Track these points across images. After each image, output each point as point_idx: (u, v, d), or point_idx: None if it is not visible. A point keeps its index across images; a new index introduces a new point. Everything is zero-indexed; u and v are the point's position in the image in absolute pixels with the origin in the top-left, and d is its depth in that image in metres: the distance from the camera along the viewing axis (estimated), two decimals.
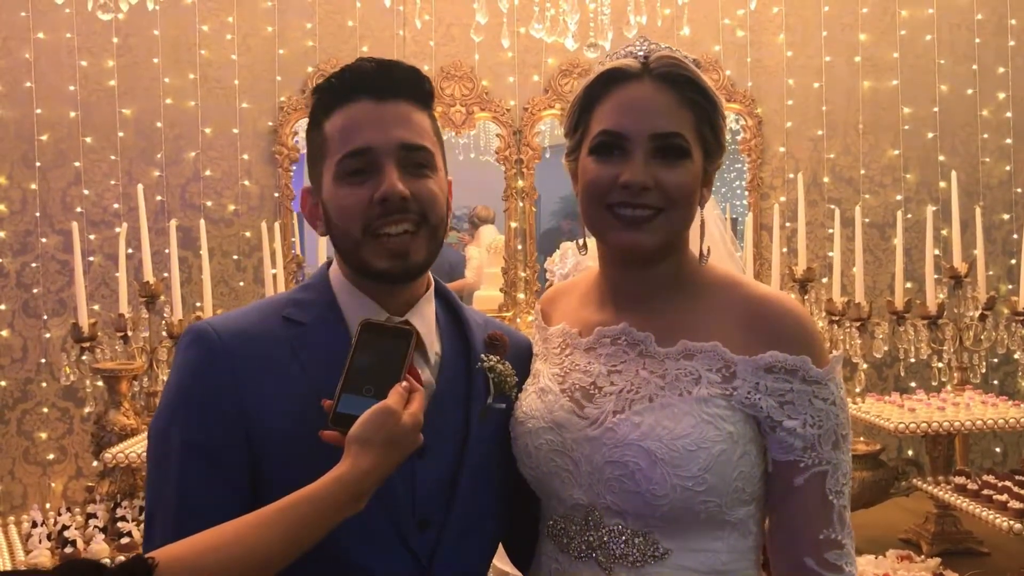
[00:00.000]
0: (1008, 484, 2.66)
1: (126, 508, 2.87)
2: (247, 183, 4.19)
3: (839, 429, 1.30)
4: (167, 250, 3.40)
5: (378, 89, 1.33)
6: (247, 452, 1.27)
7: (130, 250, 3.61)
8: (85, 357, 3.21)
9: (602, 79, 1.36)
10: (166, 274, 3.43)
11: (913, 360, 3.47)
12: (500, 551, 1.53)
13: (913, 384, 3.92)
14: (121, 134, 4.09)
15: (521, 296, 4.32)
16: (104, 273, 4.04)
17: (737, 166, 4.48)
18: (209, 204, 4.15)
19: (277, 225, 3.95)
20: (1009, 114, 4.46)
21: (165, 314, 3.32)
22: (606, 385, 1.35)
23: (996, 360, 4.17)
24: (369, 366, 1.23)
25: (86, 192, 4.06)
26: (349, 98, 1.33)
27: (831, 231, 3.97)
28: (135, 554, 1.09)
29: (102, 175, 4.08)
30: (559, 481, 1.36)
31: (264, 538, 1.13)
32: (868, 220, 4.29)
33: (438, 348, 1.42)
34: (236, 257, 4.18)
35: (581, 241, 1.47)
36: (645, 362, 1.34)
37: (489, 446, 1.40)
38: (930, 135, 4.45)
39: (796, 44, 4.44)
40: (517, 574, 1.57)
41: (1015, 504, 2.53)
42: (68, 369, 3.25)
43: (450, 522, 1.34)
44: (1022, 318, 3.38)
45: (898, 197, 4.43)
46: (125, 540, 2.69)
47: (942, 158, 4.44)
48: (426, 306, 1.42)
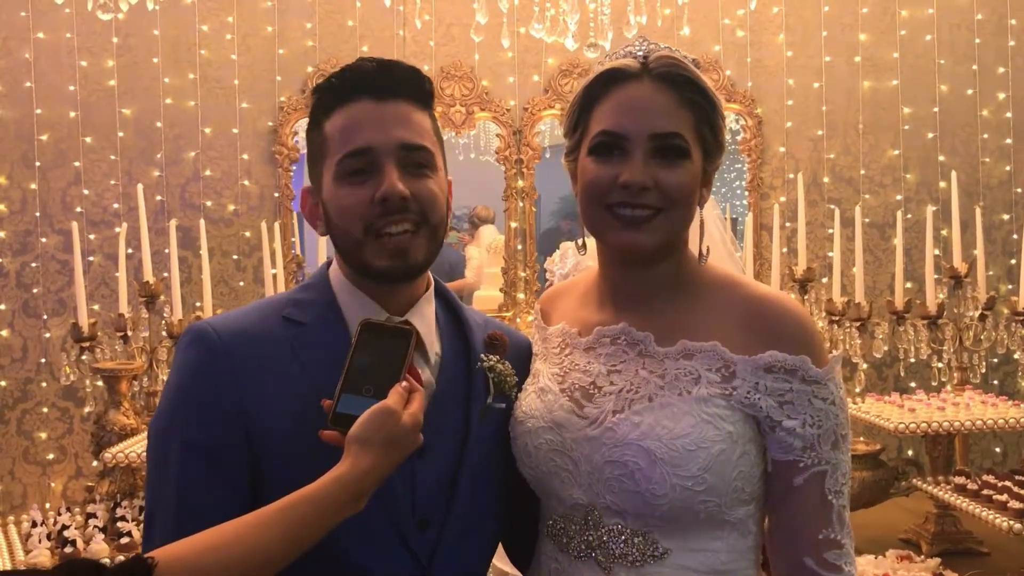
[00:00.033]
0: (1008, 484, 2.66)
1: (126, 508, 2.87)
2: (247, 183, 4.19)
3: (838, 429, 1.30)
4: (167, 250, 3.40)
5: (378, 89, 1.33)
6: (247, 452, 1.27)
7: (130, 250, 3.61)
8: (85, 357, 3.21)
9: (601, 79, 1.36)
10: (166, 274, 3.43)
11: (913, 360, 3.47)
12: (500, 551, 1.54)
13: (913, 384, 3.92)
14: (121, 134, 4.09)
15: (521, 296, 4.32)
16: (104, 273, 4.04)
17: (737, 166, 4.48)
18: (209, 204, 4.15)
19: (277, 225, 3.96)
20: (1009, 114, 4.46)
21: (165, 314, 3.32)
22: (606, 385, 1.35)
23: (996, 360, 4.18)
24: (369, 366, 1.23)
25: (86, 192, 4.06)
26: (349, 98, 1.33)
27: (831, 231, 3.97)
28: (135, 554, 1.09)
29: (102, 175, 4.08)
30: (558, 481, 1.36)
31: (264, 538, 1.13)
32: (868, 220, 4.29)
33: (438, 348, 1.42)
34: (236, 257, 4.18)
35: (580, 241, 1.47)
36: (645, 362, 1.34)
37: (489, 446, 1.40)
38: (930, 135, 4.45)
39: (796, 44, 4.44)
40: (517, 574, 1.57)
41: (1015, 504, 2.53)
42: (68, 369, 3.25)
43: (450, 522, 1.34)
44: (1022, 318, 3.38)
45: (898, 197, 4.43)
46: (125, 540, 2.69)
47: (942, 158, 4.44)
48: (426, 306, 1.42)
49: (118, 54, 4.09)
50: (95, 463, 3.32)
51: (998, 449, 4.44)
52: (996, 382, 4.29)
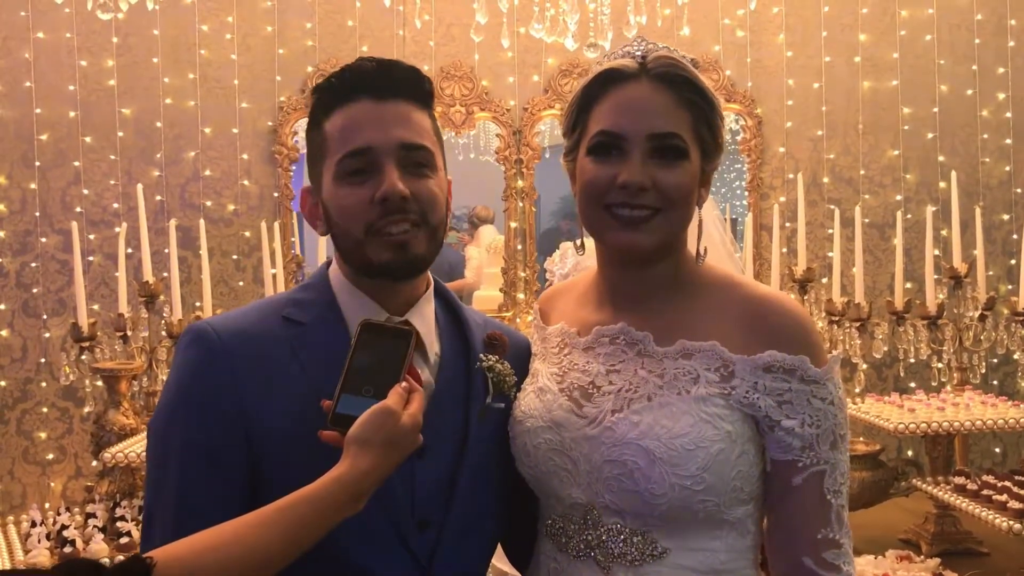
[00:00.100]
0: (1008, 484, 2.66)
1: (125, 508, 2.87)
2: (247, 183, 4.19)
3: (837, 429, 1.30)
4: (167, 250, 3.40)
5: (378, 89, 1.33)
6: (246, 452, 1.27)
7: (130, 250, 3.61)
8: (85, 357, 3.21)
9: (600, 79, 1.36)
10: (165, 274, 3.43)
11: (913, 360, 3.47)
12: (499, 551, 1.54)
13: (913, 384, 3.92)
14: (121, 134, 4.09)
15: (521, 296, 4.32)
16: (104, 273, 4.04)
17: (737, 166, 4.48)
18: (209, 204, 4.15)
19: (277, 225, 3.95)
20: (1009, 114, 4.46)
21: (165, 314, 3.32)
22: (604, 384, 1.35)
23: (996, 360, 4.18)
24: (369, 366, 1.23)
25: (86, 192, 4.06)
26: (349, 98, 1.33)
27: (831, 231, 3.97)
28: (133, 554, 1.09)
29: (102, 175, 4.08)
30: (557, 480, 1.36)
31: (263, 538, 1.13)
32: (868, 220, 4.29)
33: (437, 348, 1.42)
34: (236, 257, 4.18)
35: (579, 241, 1.47)
36: (643, 361, 1.34)
37: (488, 446, 1.40)
38: (930, 135, 4.45)
39: (796, 44, 4.44)
40: (516, 574, 1.57)
41: (1015, 504, 2.53)
42: (68, 369, 3.25)
43: (449, 522, 1.34)
44: (1022, 318, 3.38)
45: (898, 197, 4.43)
46: (124, 540, 2.69)
47: (942, 158, 4.44)
48: (426, 306, 1.42)
49: (118, 54, 4.09)
50: (95, 463, 3.32)
51: (998, 449, 4.44)
52: (996, 382, 4.29)
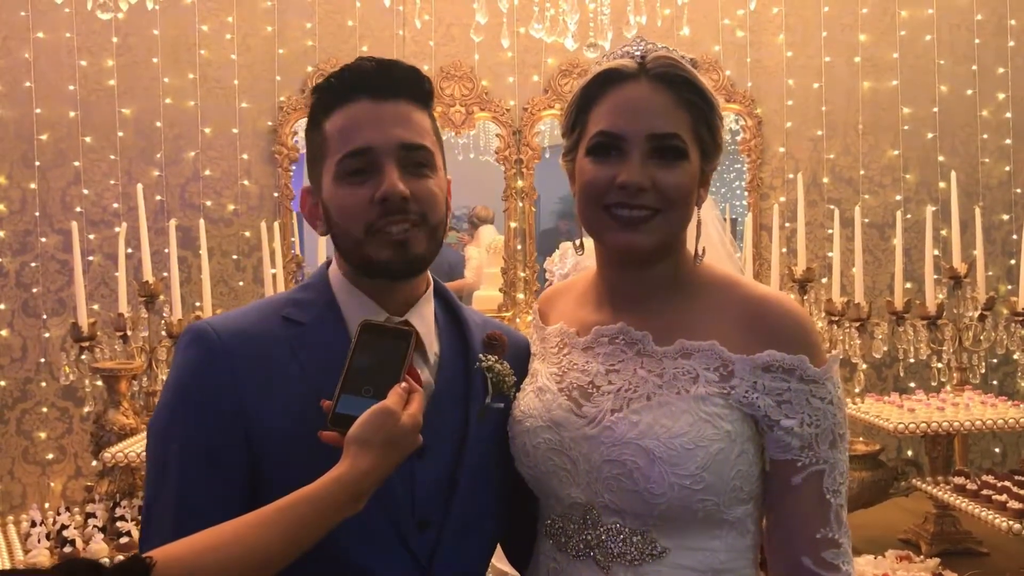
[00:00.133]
0: (1007, 484, 2.66)
1: (125, 508, 2.87)
2: (247, 183, 4.19)
3: (836, 428, 1.30)
4: (167, 250, 3.40)
5: (378, 89, 1.33)
6: (246, 452, 1.27)
7: (129, 250, 3.61)
8: (84, 357, 3.21)
9: (599, 79, 1.36)
10: (165, 274, 3.43)
11: (912, 360, 3.47)
12: (498, 551, 1.54)
13: (912, 384, 3.93)
14: (121, 134, 4.09)
15: (521, 296, 4.32)
16: (104, 273, 4.04)
17: (737, 166, 4.49)
18: (209, 204, 4.15)
19: (277, 225, 3.95)
20: (1009, 114, 4.46)
21: (164, 314, 3.32)
22: (604, 384, 1.35)
23: (995, 360, 4.18)
24: (368, 367, 1.23)
25: (85, 192, 4.06)
26: (349, 98, 1.33)
27: (831, 231, 3.97)
28: (133, 554, 1.09)
29: (102, 175, 4.08)
30: (557, 480, 1.36)
31: (263, 538, 1.13)
32: (868, 220, 4.29)
33: (437, 348, 1.42)
34: (235, 257, 4.18)
35: (578, 241, 1.47)
36: (643, 361, 1.34)
37: (488, 446, 1.40)
38: (930, 135, 4.46)
39: (796, 44, 4.44)
40: (516, 574, 1.57)
41: (1014, 504, 2.53)
42: (67, 369, 3.25)
43: (449, 522, 1.34)
44: (1021, 318, 3.38)
45: (898, 197, 4.43)
46: (124, 540, 2.69)
47: (942, 158, 4.44)
48: (425, 306, 1.42)
49: (118, 54, 4.09)
50: (94, 463, 3.32)
51: (997, 449, 4.45)
52: (995, 382, 4.29)
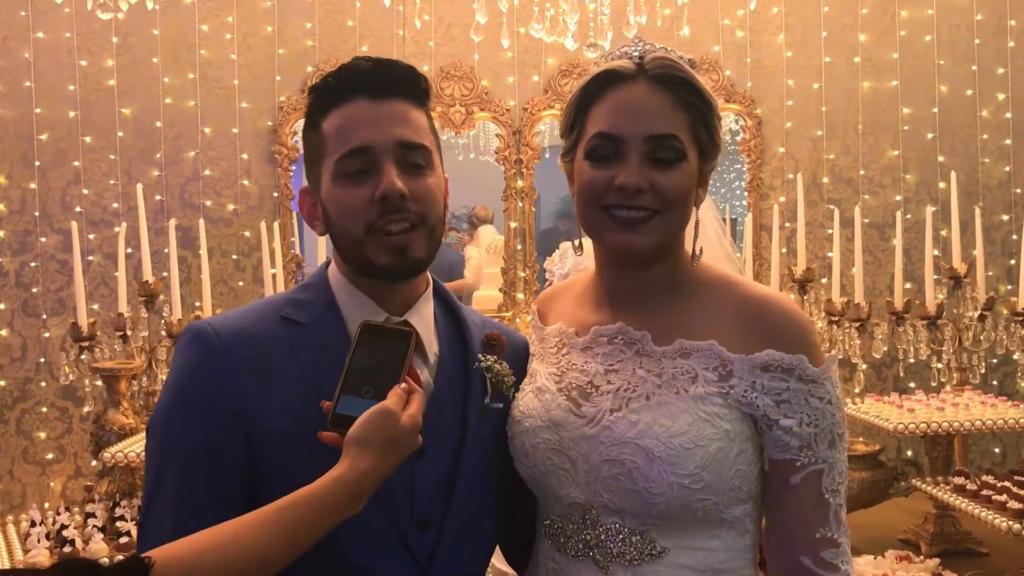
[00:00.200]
0: (1007, 484, 2.66)
1: (125, 507, 2.87)
2: (246, 183, 4.19)
3: (835, 428, 1.31)
4: (166, 250, 3.40)
5: (375, 88, 1.33)
6: (246, 452, 1.27)
7: (129, 250, 3.61)
8: (84, 356, 3.21)
9: (597, 80, 1.36)
10: (165, 274, 3.43)
11: (912, 360, 3.47)
12: (498, 551, 1.54)
13: (912, 384, 3.93)
14: (120, 134, 4.08)
15: (520, 296, 4.32)
16: (103, 272, 4.04)
17: (736, 167, 4.48)
18: (208, 204, 4.15)
19: (276, 225, 3.95)
20: (1009, 115, 4.46)
21: (164, 314, 3.32)
22: (603, 384, 1.35)
23: (995, 361, 4.18)
24: (368, 367, 1.23)
25: (85, 192, 4.06)
26: (346, 97, 1.33)
27: (830, 231, 3.97)
28: (132, 553, 1.09)
29: (101, 175, 4.08)
30: (556, 480, 1.36)
31: (262, 538, 1.13)
32: (867, 220, 4.29)
33: (436, 348, 1.42)
34: (235, 257, 4.18)
35: (577, 242, 1.47)
36: (642, 361, 1.34)
37: (487, 446, 1.40)
38: (930, 136, 4.45)
39: (796, 44, 4.43)
40: (515, 574, 1.57)
41: (1014, 504, 2.53)
42: (67, 368, 3.25)
43: (449, 522, 1.35)
44: (1021, 319, 3.38)
45: (897, 198, 4.43)
46: (124, 540, 2.70)
47: (942, 159, 4.44)
48: (425, 306, 1.42)
49: (118, 54, 4.08)
50: (94, 463, 3.32)
51: (997, 449, 4.44)
52: (995, 383, 4.29)
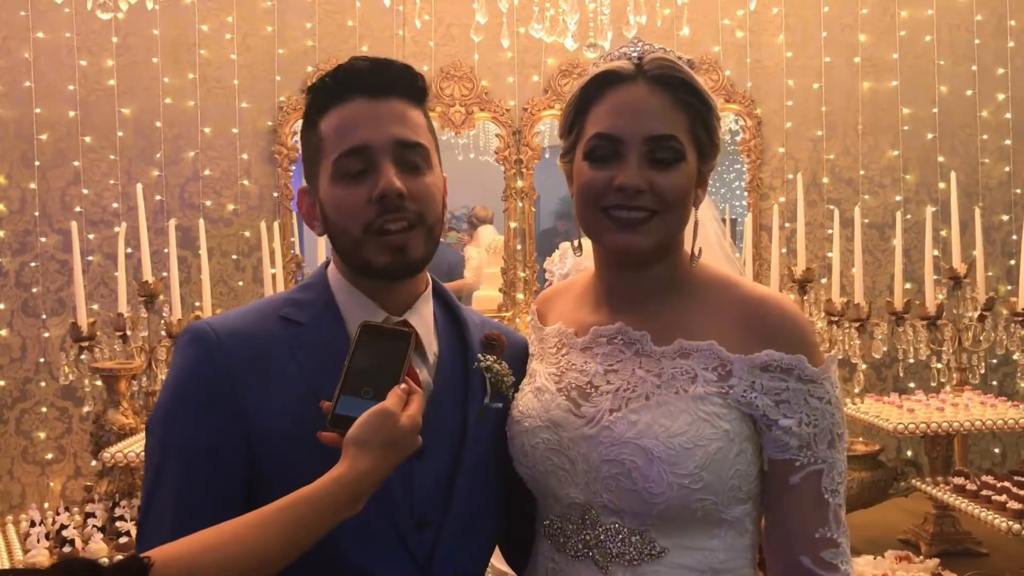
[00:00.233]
0: (1007, 484, 2.66)
1: (124, 507, 2.87)
2: (246, 183, 4.19)
3: (834, 428, 1.31)
4: (166, 250, 3.40)
5: (372, 87, 1.33)
6: (245, 452, 1.27)
7: (129, 250, 3.61)
8: (84, 356, 3.21)
9: (596, 81, 1.36)
10: (165, 274, 3.44)
11: (912, 361, 3.47)
12: (497, 551, 1.53)
13: (912, 385, 3.93)
14: (120, 134, 4.09)
15: (520, 296, 4.32)
16: (103, 273, 4.04)
17: (736, 167, 4.48)
18: (208, 204, 4.15)
19: (276, 225, 3.95)
20: (1008, 115, 4.46)
21: (164, 313, 3.32)
22: (602, 384, 1.35)
23: (995, 361, 4.18)
24: (368, 368, 1.23)
25: (85, 192, 4.06)
26: (343, 97, 1.33)
27: (830, 232, 3.97)
28: (131, 553, 1.09)
29: (101, 175, 4.08)
30: (555, 480, 1.36)
31: (262, 538, 1.13)
32: (867, 221, 4.29)
33: (436, 348, 1.42)
34: (235, 257, 4.18)
35: (576, 242, 1.47)
36: (641, 361, 1.34)
37: (486, 446, 1.40)
38: (929, 136, 4.45)
39: (796, 45, 4.43)
40: (514, 574, 1.57)
41: (1014, 504, 2.53)
42: (67, 368, 3.25)
43: (448, 522, 1.34)
44: (1021, 319, 3.38)
45: (897, 198, 4.43)
46: (123, 540, 2.70)
47: (941, 159, 4.44)
48: (424, 306, 1.42)
49: (118, 54, 4.09)
50: (94, 463, 3.32)
51: (997, 450, 4.44)
52: (995, 383, 4.29)
